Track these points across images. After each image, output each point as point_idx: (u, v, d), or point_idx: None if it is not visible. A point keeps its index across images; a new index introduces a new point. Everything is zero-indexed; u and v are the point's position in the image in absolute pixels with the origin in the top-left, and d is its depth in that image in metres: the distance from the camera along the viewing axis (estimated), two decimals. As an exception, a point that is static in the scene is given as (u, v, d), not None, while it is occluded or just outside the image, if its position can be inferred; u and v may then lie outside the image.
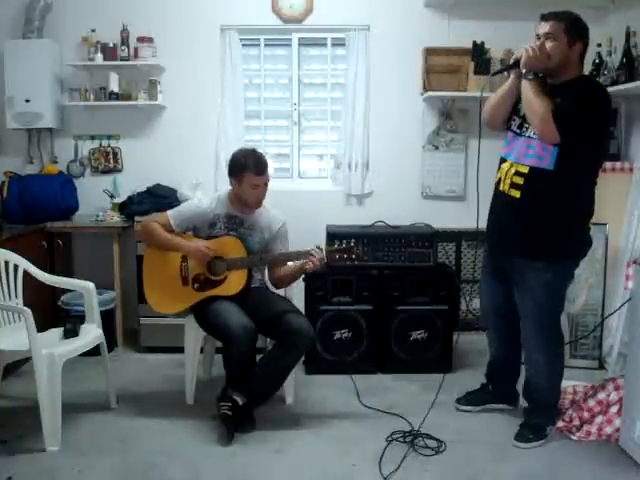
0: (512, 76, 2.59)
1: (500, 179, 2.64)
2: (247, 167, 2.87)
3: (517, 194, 2.55)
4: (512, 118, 2.66)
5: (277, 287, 3.09)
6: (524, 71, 2.48)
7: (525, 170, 2.53)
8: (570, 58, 2.48)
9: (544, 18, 2.50)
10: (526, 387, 2.81)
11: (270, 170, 3.00)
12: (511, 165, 2.59)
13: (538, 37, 2.50)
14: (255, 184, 2.89)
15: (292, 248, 3.04)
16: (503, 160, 2.66)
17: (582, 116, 2.39)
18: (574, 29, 2.46)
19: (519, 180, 2.54)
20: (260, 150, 3.01)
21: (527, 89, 2.48)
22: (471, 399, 3.00)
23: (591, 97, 2.44)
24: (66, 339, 2.87)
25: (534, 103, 2.43)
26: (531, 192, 2.52)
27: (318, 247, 2.80)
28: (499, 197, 2.66)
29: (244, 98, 4.17)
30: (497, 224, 2.70)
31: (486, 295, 2.90)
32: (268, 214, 3.05)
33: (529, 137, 2.54)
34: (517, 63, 2.52)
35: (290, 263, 2.97)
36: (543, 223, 2.53)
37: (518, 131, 2.61)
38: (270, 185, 2.99)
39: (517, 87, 2.56)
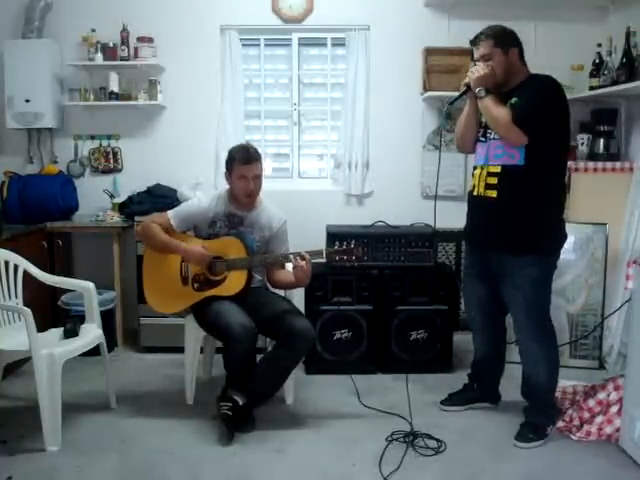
0: (468, 101, 2.74)
1: (474, 185, 2.73)
2: (235, 157, 2.90)
3: (493, 194, 2.63)
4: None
5: (274, 287, 3.09)
6: (477, 90, 2.61)
7: (497, 170, 2.62)
8: (512, 64, 2.62)
9: (473, 43, 2.67)
10: (525, 385, 2.82)
11: (268, 170, 3.00)
12: (482, 168, 2.69)
13: (475, 62, 2.66)
14: (242, 174, 2.87)
15: (292, 248, 3.04)
16: (475, 168, 2.77)
17: (541, 112, 2.49)
18: (503, 39, 2.61)
19: (493, 180, 2.63)
20: (260, 149, 3.01)
21: (485, 105, 2.60)
22: (455, 400, 3.02)
23: (544, 92, 2.54)
24: (66, 339, 2.86)
25: (495, 115, 2.56)
26: (506, 189, 2.60)
27: (300, 255, 2.76)
28: (476, 202, 2.74)
29: (244, 98, 4.17)
30: (479, 227, 2.77)
31: (473, 297, 2.93)
32: (268, 212, 3.04)
33: (494, 139, 2.64)
34: (469, 87, 2.66)
35: (288, 267, 2.95)
36: (522, 218, 2.60)
37: (483, 139, 2.73)
38: (270, 185, 2.98)
39: (476, 109, 2.70)
